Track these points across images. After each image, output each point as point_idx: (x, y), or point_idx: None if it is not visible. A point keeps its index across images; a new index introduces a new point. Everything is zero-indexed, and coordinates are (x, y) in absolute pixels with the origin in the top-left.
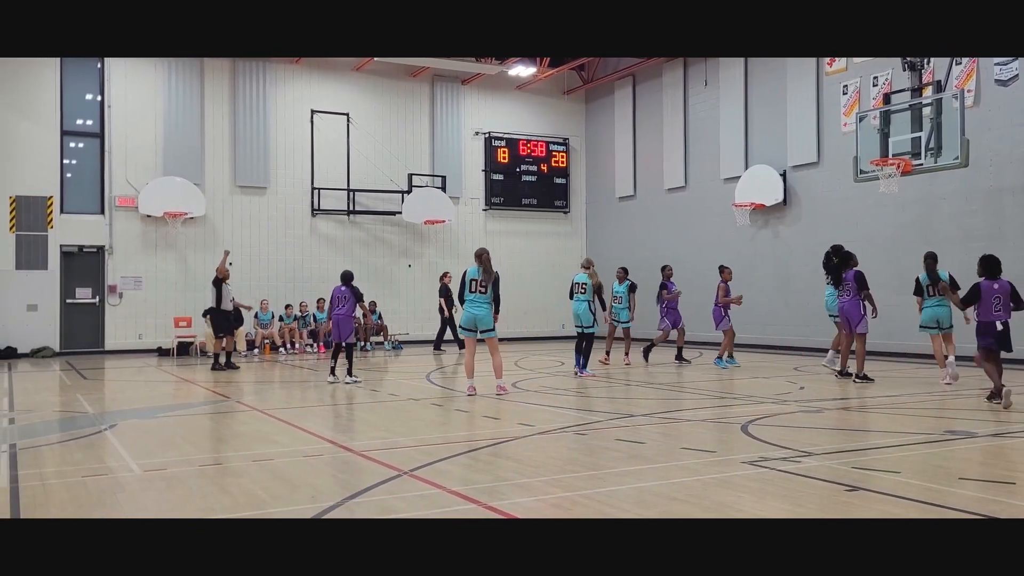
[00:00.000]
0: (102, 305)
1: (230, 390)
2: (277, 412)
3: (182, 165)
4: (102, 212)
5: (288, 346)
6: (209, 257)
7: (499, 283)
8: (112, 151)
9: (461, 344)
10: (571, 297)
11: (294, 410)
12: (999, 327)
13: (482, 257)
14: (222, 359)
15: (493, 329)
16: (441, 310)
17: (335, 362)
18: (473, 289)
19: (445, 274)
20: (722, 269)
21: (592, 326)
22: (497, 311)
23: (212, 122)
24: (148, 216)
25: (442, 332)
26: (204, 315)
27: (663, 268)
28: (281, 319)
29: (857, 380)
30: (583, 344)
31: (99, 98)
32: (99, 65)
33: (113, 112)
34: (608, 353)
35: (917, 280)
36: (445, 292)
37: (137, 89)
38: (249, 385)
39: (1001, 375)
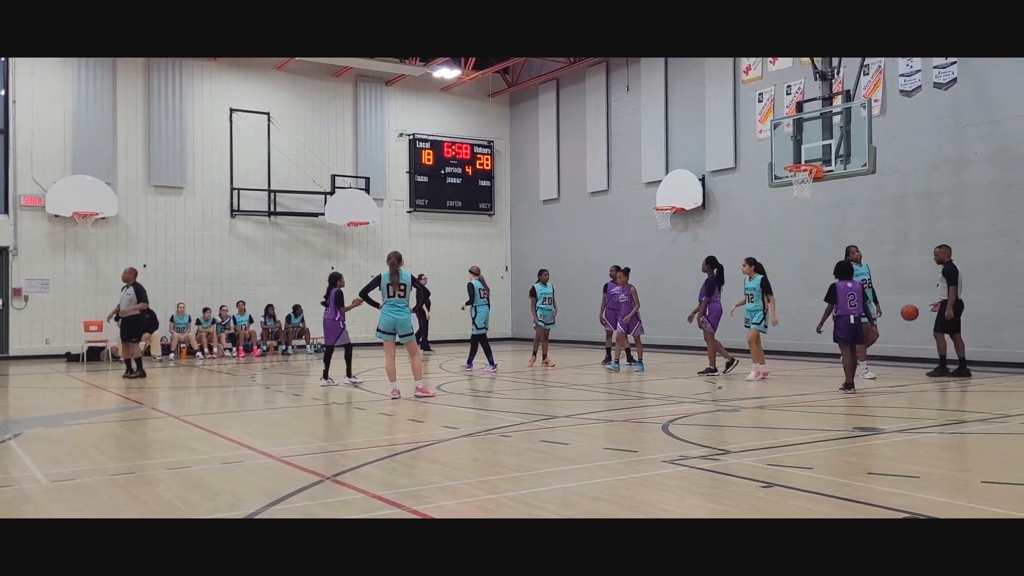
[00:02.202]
0: (6, 309)
1: (144, 396)
2: (194, 418)
3: (93, 163)
4: (6, 211)
5: (206, 350)
6: (122, 259)
7: (416, 281)
8: (17, 148)
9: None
10: (473, 302)
11: (212, 416)
12: (852, 320)
13: (390, 261)
14: (133, 364)
15: (412, 333)
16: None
17: (327, 366)
18: (391, 294)
19: (421, 276)
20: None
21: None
22: (420, 307)
23: (125, 119)
24: (56, 216)
25: (424, 332)
26: (116, 319)
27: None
28: (198, 323)
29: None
30: (485, 344)
31: (2, 93)
32: (3, 60)
33: (18, 108)
34: (546, 356)
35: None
36: (424, 294)
37: (44, 85)
38: (165, 391)
39: (853, 369)
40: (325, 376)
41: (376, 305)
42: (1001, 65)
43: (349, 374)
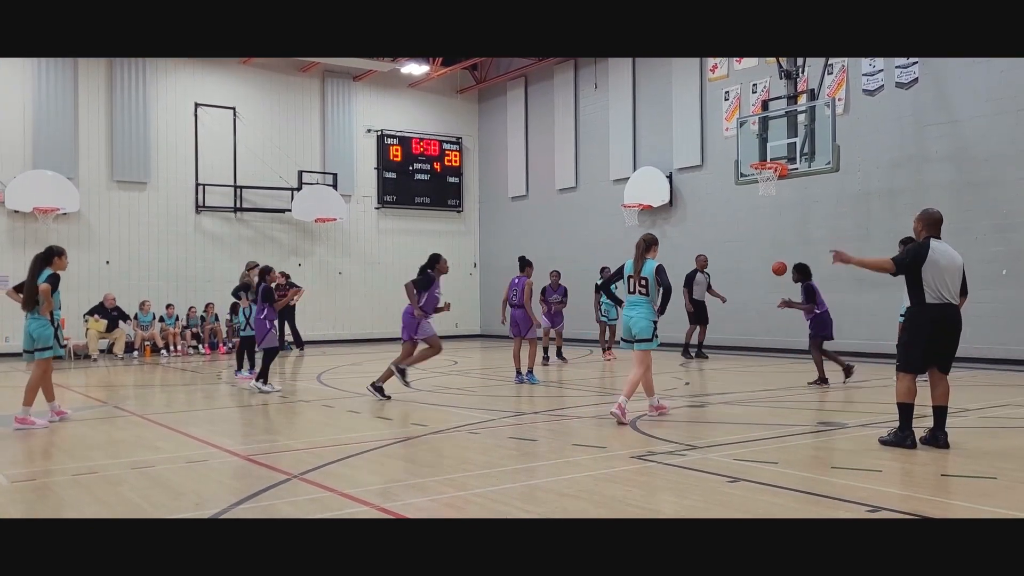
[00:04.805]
0: None
1: (108, 395)
2: (159, 417)
3: (54, 158)
4: None
5: (172, 348)
6: (84, 255)
7: (660, 273)
8: None
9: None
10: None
11: (178, 414)
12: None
13: (636, 244)
14: None
15: (649, 339)
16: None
17: (261, 367)
18: (631, 289)
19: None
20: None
21: None
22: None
23: (87, 112)
24: (16, 211)
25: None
26: (84, 318)
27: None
28: (162, 320)
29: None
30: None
31: None
32: None
33: None
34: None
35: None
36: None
37: (3, 77)
38: (129, 389)
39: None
40: (263, 379)
41: (619, 303)
42: (960, 66)
43: (261, 378)
